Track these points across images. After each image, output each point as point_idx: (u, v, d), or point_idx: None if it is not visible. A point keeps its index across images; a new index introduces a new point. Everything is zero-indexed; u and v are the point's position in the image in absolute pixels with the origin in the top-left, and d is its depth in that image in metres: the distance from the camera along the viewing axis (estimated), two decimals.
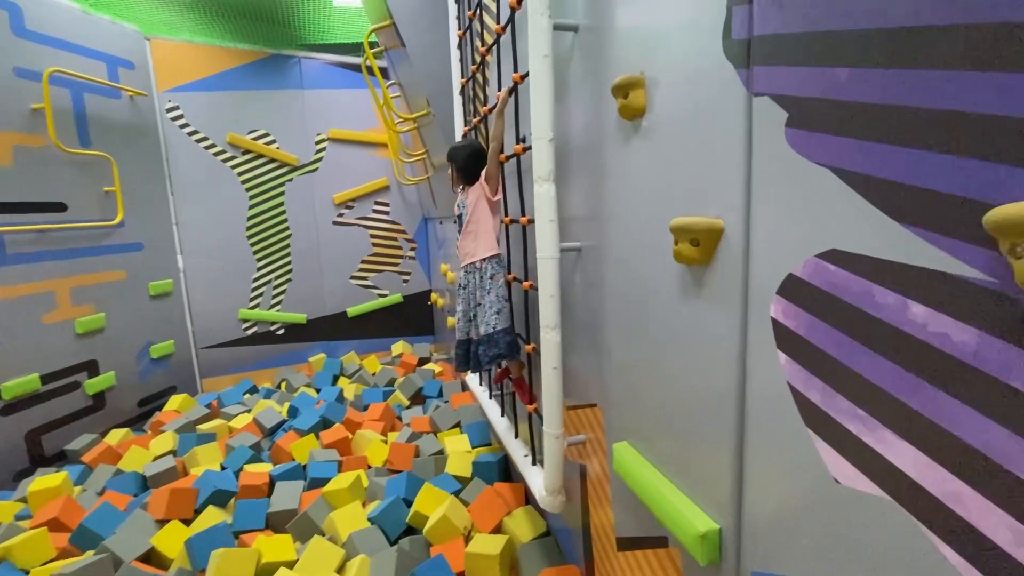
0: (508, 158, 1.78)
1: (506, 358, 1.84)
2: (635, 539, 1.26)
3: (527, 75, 1.44)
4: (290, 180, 4.41)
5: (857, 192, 0.61)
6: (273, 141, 4.33)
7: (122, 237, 3.60)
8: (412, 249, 4.82)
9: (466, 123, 2.44)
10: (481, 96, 2.24)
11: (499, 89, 1.79)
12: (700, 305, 0.91)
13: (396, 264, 4.81)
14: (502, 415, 2.24)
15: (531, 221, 1.60)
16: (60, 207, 3.21)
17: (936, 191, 0.53)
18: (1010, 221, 0.44)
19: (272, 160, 4.33)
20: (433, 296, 4.75)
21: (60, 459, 3.13)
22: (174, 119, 4.04)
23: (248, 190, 4.29)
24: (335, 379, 4.18)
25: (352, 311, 4.68)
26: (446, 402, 3.44)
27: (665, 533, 1.11)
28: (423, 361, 4.50)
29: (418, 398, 3.68)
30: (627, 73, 1.07)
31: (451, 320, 3.83)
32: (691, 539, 0.92)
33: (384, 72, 4.09)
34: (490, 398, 2.42)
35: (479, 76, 2.20)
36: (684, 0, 0.91)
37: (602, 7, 1.19)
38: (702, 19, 0.86)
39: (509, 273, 1.94)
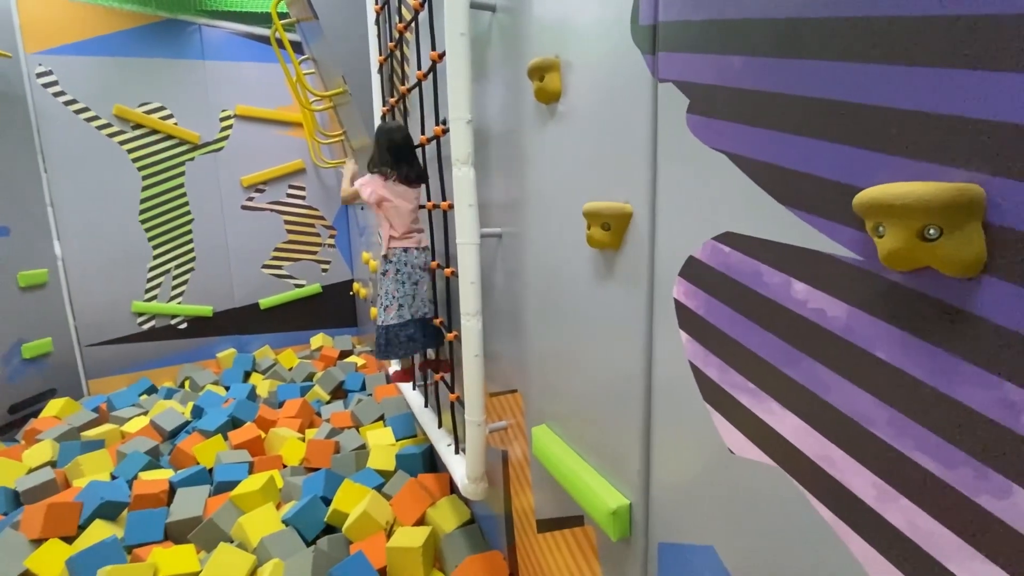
0: (429, 140, 1.73)
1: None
2: (553, 520, 1.29)
3: (445, 54, 1.39)
4: (191, 159, 4.01)
5: (748, 176, 0.64)
6: (170, 116, 3.91)
7: None
8: (332, 236, 4.59)
9: (384, 103, 2.34)
10: (400, 74, 2.16)
11: (419, 68, 1.72)
12: (611, 289, 0.93)
13: (314, 252, 4.56)
14: (425, 405, 2.20)
15: (452, 206, 1.56)
16: None
17: (814, 175, 0.56)
18: (873, 203, 0.47)
19: (169, 137, 3.92)
20: (355, 286, 4.56)
21: None
22: (46, 85, 3.54)
23: (141, 169, 3.85)
24: (247, 375, 3.90)
25: (265, 302, 4.38)
26: (369, 395, 3.32)
27: (581, 512, 1.14)
28: (345, 354, 4.31)
29: (339, 393, 3.52)
30: (542, 56, 1.06)
31: (374, 310, 3.70)
32: (603, 516, 0.95)
33: (296, 46, 3.82)
34: (414, 389, 2.36)
35: (398, 54, 2.11)
36: None
37: None
38: (613, 3, 0.86)
39: (433, 260, 1.89)
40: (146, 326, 3.98)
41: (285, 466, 2.58)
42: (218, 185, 4.12)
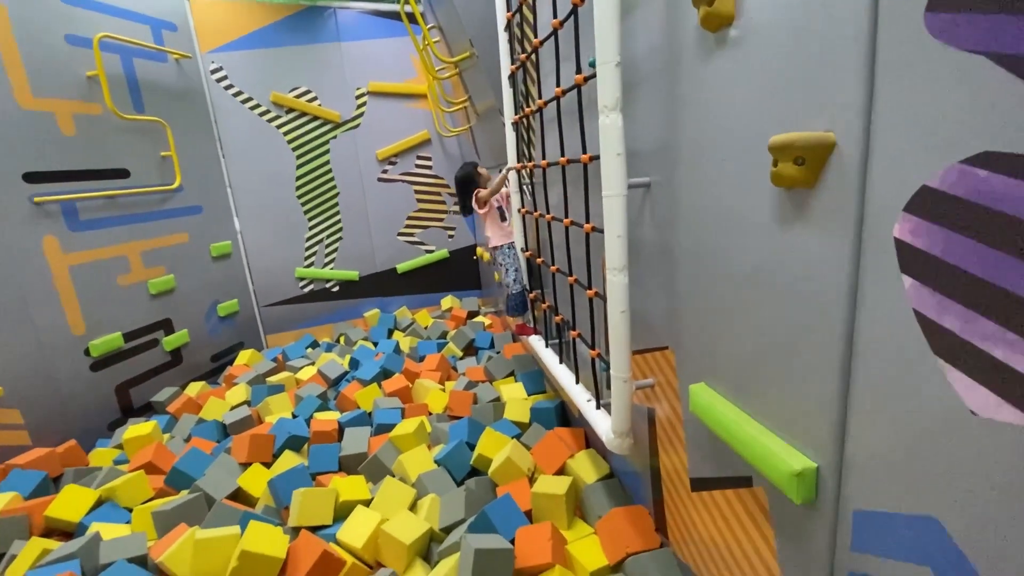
0: (565, 92, 1.68)
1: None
2: (713, 479, 1.25)
3: None
4: (334, 137, 4.40)
5: None
6: (315, 98, 4.30)
7: (182, 201, 3.73)
8: (456, 203, 4.78)
9: (513, 61, 2.32)
10: (530, 35, 2.11)
11: (555, 16, 1.67)
12: (802, 231, 0.84)
13: (441, 219, 4.80)
14: (560, 362, 2.24)
15: (593, 158, 1.52)
16: (123, 173, 3.34)
17: None
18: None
19: (316, 118, 4.32)
20: (479, 251, 4.74)
21: (147, 410, 3.39)
22: (219, 80, 4.07)
23: (294, 149, 4.32)
24: (390, 332, 4.30)
25: (401, 267, 4.75)
26: (498, 353, 3.48)
27: (749, 473, 1.08)
28: (472, 314, 4.55)
29: (471, 349, 3.74)
30: None
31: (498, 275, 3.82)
32: (784, 478, 0.89)
33: (422, 16, 3.93)
34: (546, 346, 2.41)
35: (526, 10, 2.06)
36: None
37: None
38: None
39: (567, 218, 1.88)
40: (306, 289, 4.54)
41: (431, 413, 2.82)
42: (357, 160, 4.48)
